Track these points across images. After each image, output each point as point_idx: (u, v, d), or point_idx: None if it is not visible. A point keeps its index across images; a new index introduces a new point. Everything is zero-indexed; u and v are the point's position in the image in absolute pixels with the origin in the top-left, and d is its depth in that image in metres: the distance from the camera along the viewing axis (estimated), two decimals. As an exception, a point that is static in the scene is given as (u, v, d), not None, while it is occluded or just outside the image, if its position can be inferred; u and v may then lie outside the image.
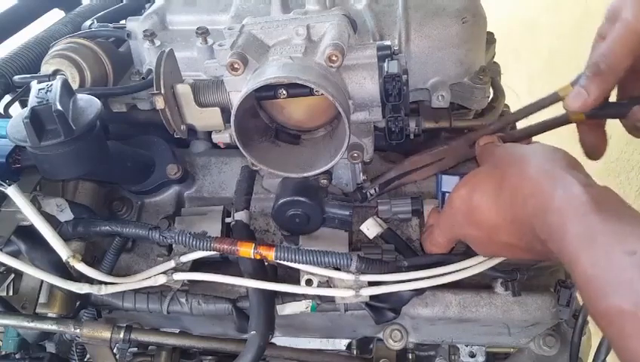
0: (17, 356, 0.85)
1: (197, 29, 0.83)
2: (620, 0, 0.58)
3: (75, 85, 0.87)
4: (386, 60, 0.67)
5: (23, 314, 0.78)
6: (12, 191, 0.69)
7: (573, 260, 0.43)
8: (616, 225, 0.42)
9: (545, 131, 0.73)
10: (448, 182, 0.82)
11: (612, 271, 0.40)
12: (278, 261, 0.71)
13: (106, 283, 0.76)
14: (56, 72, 0.88)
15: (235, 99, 0.66)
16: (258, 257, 0.71)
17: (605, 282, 0.40)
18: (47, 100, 0.64)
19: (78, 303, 0.83)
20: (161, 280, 0.76)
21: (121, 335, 0.80)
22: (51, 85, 0.67)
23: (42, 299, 0.80)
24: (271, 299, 0.77)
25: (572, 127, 0.69)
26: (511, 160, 0.57)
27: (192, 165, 0.94)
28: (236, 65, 0.64)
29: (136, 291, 0.81)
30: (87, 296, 0.79)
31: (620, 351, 0.39)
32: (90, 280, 0.75)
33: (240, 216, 0.80)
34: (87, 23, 1.08)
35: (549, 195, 0.47)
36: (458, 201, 0.63)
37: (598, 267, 0.41)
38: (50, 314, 0.79)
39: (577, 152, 0.58)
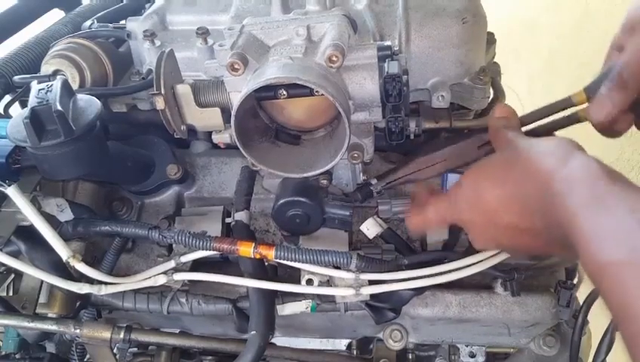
0: (17, 356, 0.85)
1: (197, 29, 0.83)
2: (637, 10, 0.59)
3: (75, 85, 0.87)
4: (386, 60, 0.67)
5: (23, 314, 0.78)
6: (12, 192, 0.69)
7: (574, 219, 0.43)
8: (622, 190, 0.42)
9: (556, 130, 0.73)
10: (454, 181, 0.82)
11: (612, 225, 0.40)
12: (277, 260, 0.71)
13: (106, 284, 0.76)
14: (56, 72, 0.88)
15: (235, 99, 0.66)
16: (258, 256, 0.71)
17: (604, 236, 0.40)
18: (48, 100, 0.64)
19: (78, 303, 0.83)
20: (161, 280, 0.76)
21: (121, 336, 0.80)
22: (51, 85, 0.67)
23: (42, 299, 0.80)
24: (271, 299, 0.77)
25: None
26: (523, 146, 0.57)
27: (192, 165, 0.94)
28: (236, 66, 0.64)
29: (136, 291, 0.81)
30: (87, 296, 0.79)
31: (615, 306, 0.39)
32: (91, 281, 0.75)
33: (240, 216, 0.80)
34: (87, 23, 1.08)
35: (559, 166, 0.48)
36: (465, 186, 0.62)
37: (599, 223, 0.41)
38: (50, 314, 0.80)
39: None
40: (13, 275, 0.83)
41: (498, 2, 2.20)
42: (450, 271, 0.73)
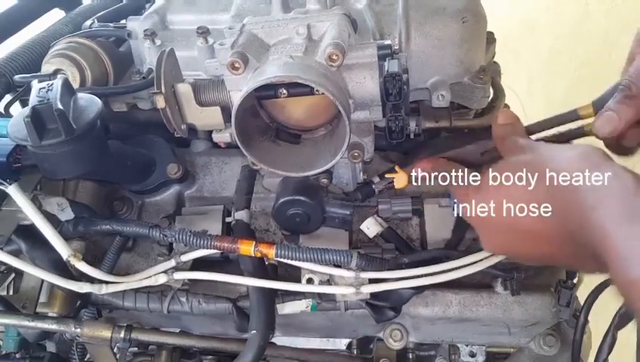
0: (18, 355, 0.86)
1: (197, 28, 0.82)
2: None
3: (75, 84, 0.87)
4: (387, 59, 0.67)
5: (24, 313, 0.78)
6: (13, 191, 0.69)
7: (605, 232, 0.42)
8: None
9: (560, 142, 0.72)
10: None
11: None
12: (278, 259, 0.71)
13: (106, 283, 0.76)
14: (57, 72, 0.88)
15: (236, 98, 0.66)
16: (259, 255, 0.71)
17: (636, 252, 0.40)
18: (48, 99, 0.64)
19: (78, 302, 0.83)
20: (162, 279, 0.76)
21: (122, 335, 0.80)
22: (52, 84, 0.67)
23: (43, 299, 0.80)
24: (271, 298, 0.77)
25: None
26: (546, 152, 0.55)
27: (193, 165, 0.94)
28: (237, 65, 0.64)
29: (136, 290, 0.81)
30: (87, 295, 0.79)
31: None
32: (91, 280, 0.75)
33: (240, 215, 0.80)
34: (88, 22, 1.08)
35: (589, 176, 0.47)
36: (484, 186, 0.59)
37: (631, 237, 0.41)
38: (50, 314, 0.79)
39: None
40: (13, 274, 0.83)
41: (498, 2, 2.21)
42: (450, 270, 0.73)
